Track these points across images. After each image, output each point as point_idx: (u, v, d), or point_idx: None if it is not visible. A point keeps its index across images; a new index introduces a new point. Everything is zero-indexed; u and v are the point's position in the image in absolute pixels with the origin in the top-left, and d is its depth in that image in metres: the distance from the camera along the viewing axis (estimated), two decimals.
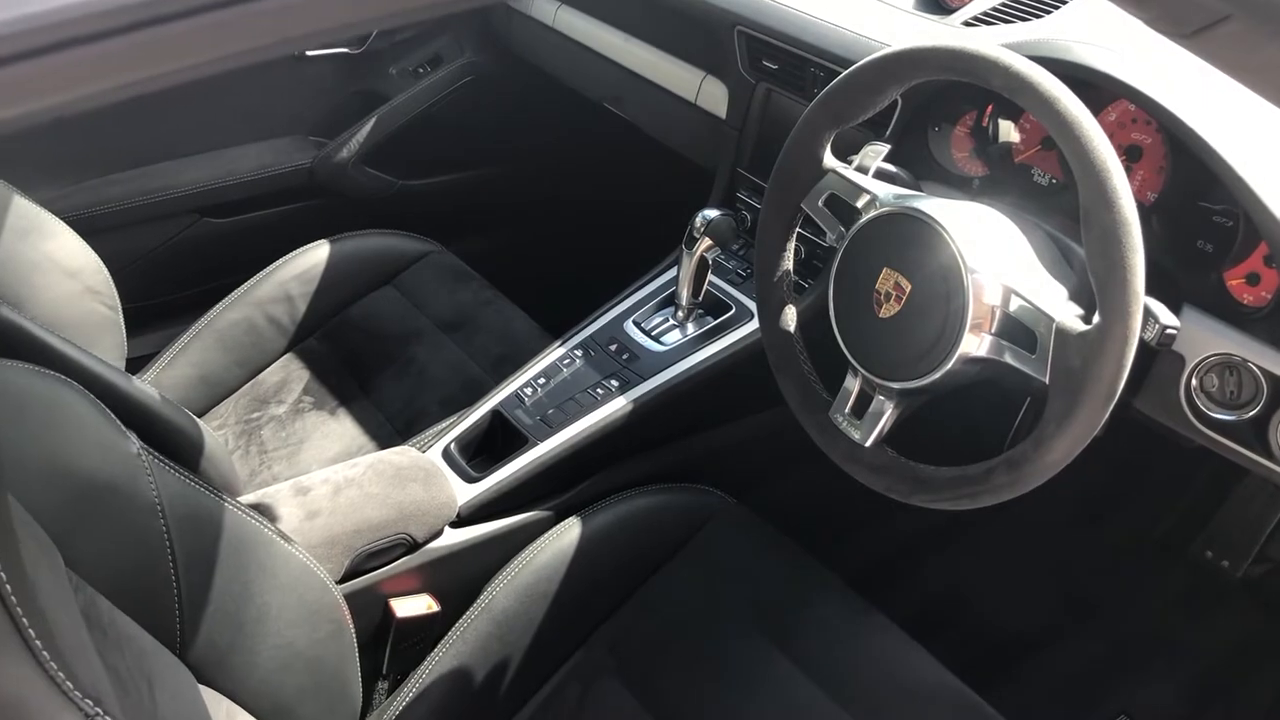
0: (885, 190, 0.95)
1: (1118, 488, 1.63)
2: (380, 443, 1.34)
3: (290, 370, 1.45)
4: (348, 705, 0.98)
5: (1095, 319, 0.78)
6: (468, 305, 1.52)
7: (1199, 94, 0.90)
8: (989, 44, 0.86)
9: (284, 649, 0.89)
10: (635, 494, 1.18)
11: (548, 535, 1.14)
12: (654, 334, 1.32)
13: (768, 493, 1.33)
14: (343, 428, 1.37)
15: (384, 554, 1.11)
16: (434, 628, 1.11)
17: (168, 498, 0.81)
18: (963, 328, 0.84)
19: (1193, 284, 0.94)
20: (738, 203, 1.44)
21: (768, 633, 1.06)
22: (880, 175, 1.01)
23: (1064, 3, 1.16)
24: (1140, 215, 0.77)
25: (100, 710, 0.54)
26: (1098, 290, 0.78)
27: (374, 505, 1.09)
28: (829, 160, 0.99)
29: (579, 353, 1.31)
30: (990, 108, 1.08)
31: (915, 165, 1.11)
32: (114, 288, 1.24)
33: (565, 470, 1.21)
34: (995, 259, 0.86)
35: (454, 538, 1.15)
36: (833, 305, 0.96)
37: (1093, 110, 0.81)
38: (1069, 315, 0.81)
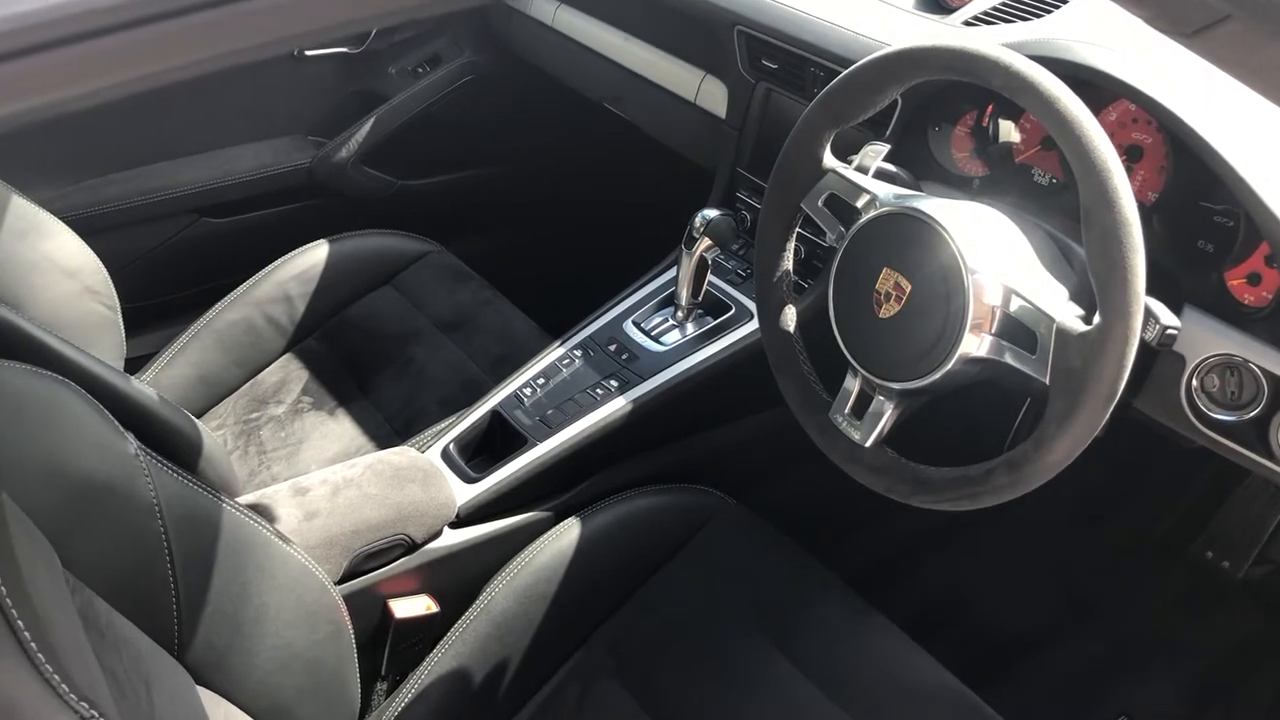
0: (885, 190, 0.95)
1: (1118, 488, 1.63)
2: (379, 443, 1.34)
3: (289, 370, 1.45)
4: (346, 706, 0.97)
5: (1096, 319, 0.78)
6: (467, 305, 1.52)
7: (1200, 93, 0.90)
8: (989, 44, 0.85)
9: (282, 650, 0.89)
10: (635, 494, 1.18)
11: (547, 536, 1.13)
12: (654, 334, 1.32)
13: (768, 493, 1.32)
14: (341, 428, 1.37)
15: (383, 555, 1.11)
16: (433, 628, 1.11)
17: (165, 498, 0.81)
18: (963, 328, 0.84)
19: (1194, 284, 0.94)
20: (737, 203, 1.43)
21: (767, 633, 1.06)
22: (880, 175, 1.01)
23: (1064, 2, 1.15)
24: (1141, 215, 0.77)
25: (95, 713, 0.54)
26: (1098, 290, 0.78)
27: (373, 506, 1.09)
28: (829, 160, 0.99)
29: (578, 353, 1.31)
30: (990, 107, 1.08)
31: (915, 165, 1.11)
32: (113, 288, 1.23)
33: (564, 471, 1.21)
34: (995, 259, 0.86)
35: (453, 538, 1.15)
36: (832, 305, 0.96)
37: (1093, 110, 0.81)
38: (1069, 315, 0.81)
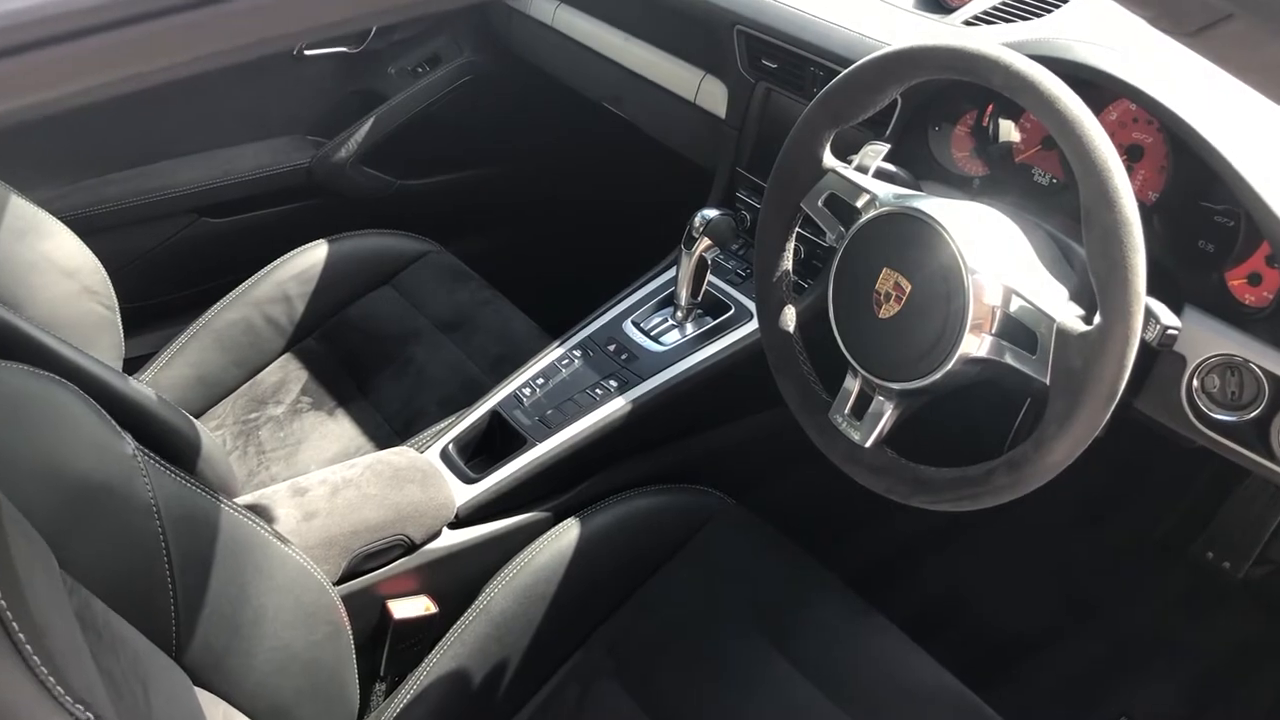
0: (885, 190, 0.95)
1: (1119, 488, 1.63)
2: (378, 443, 1.34)
3: (288, 370, 1.45)
4: (345, 707, 0.97)
5: (1096, 319, 0.78)
6: (466, 305, 1.52)
7: (1200, 93, 0.90)
8: (989, 43, 0.85)
9: (281, 651, 0.89)
10: (634, 495, 1.18)
11: (546, 536, 1.13)
12: (653, 334, 1.32)
13: (767, 493, 1.32)
14: (341, 428, 1.37)
15: (382, 555, 1.10)
16: (432, 629, 1.11)
17: (163, 499, 0.81)
18: (963, 328, 0.84)
19: (1194, 284, 0.94)
20: (737, 202, 1.43)
21: (767, 633, 1.06)
22: (880, 175, 1.00)
23: (1065, 1, 1.15)
24: (1141, 215, 0.77)
25: (91, 715, 0.54)
26: (1099, 290, 0.78)
27: (372, 506, 1.09)
28: (829, 160, 0.99)
29: (578, 353, 1.31)
30: (991, 107, 1.08)
31: (915, 165, 1.11)
32: (111, 288, 1.23)
33: (564, 471, 1.21)
34: (996, 259, 0.86)
35: (452, 539, 1.15)
36: (832, 305, 0.96)
37: (1094, 109, 0.80)
38: (1070, 316, 0.81)
